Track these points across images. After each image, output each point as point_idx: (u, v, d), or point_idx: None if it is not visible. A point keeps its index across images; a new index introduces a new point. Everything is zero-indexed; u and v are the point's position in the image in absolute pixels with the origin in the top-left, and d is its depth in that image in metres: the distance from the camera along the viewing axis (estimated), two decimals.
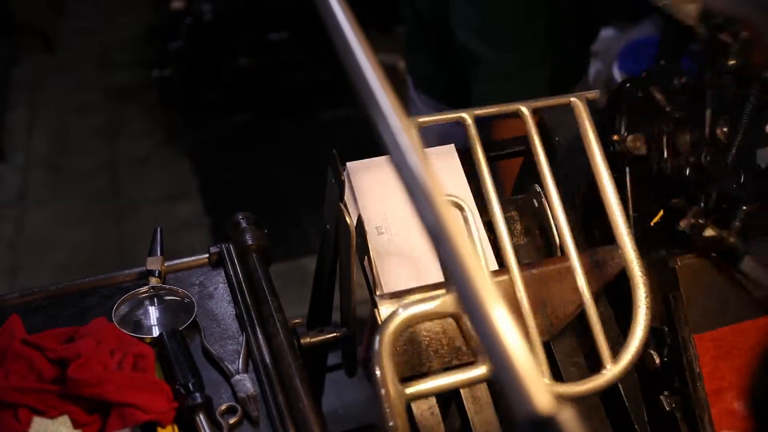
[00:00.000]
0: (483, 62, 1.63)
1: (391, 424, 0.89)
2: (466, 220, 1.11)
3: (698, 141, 1.11)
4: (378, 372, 0.91)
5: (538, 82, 1.66)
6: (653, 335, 1.11)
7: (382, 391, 0.90)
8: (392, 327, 0.94)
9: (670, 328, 1.10)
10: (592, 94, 1.17)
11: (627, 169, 1.16)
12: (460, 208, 1.12)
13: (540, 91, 1.62)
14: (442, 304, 0.97)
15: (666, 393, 1.10)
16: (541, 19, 1.63)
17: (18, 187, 3.80)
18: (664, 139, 1.14)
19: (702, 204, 1.09)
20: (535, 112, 1.15)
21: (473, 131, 1.12)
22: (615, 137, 1.16)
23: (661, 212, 1.15)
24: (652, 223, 1.15)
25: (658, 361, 1.11)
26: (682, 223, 1.09)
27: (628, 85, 1.18)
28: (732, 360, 1.10)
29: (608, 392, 1.12)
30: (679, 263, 1.10)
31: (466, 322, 0.99)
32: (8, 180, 3.85)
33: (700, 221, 1.08)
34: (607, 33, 3.28)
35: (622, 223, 1.08)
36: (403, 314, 0.95)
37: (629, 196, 1.15)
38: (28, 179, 3.87)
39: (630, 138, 1.15)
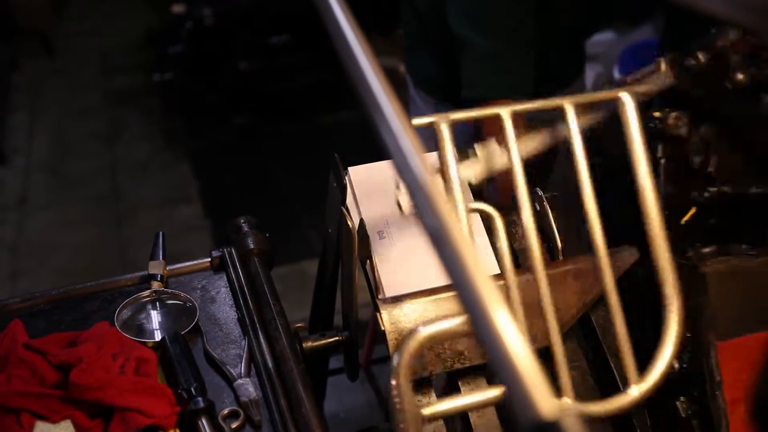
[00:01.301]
0: (471, 46, 1.71)
1: None
2: (493, 227, 1.08)
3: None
4: (395, 393, 0.89)
5: (523, 71, 1.72)
6: None
7: (399, 411, 0.89)
8: (412, 346, 0.90)
9: (693, 333, 1.04)
10: (644, 87, 1.06)
11: (660, 149, 1.07)
12: (488, 215, 1.09)
13: (525, 78, 1.70)
14: (462, 323, 0.93)
15: (682, 399, 1.06)
16: (529, 8, 1.70)
17: (18, 190, 3.80)
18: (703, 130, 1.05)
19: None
20: (577, 108, 1.06)
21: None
22: (656, 113, 1.07)
23: (693, 209, 1.08)
24: (682, 221, 1.08)
25: (677, 366, 1.05)
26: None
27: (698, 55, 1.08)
28: (753, 370, 1.06)
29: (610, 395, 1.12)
30: (709, 268, 1.03)
31: None
32: (9, 184, 3.85)
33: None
34: (607, 36, 3.28)
35: (659, 233, 0.99)
36: (424, 332, 0.91)
37: (662, 184, 1.06)
38: (28, 183, 3.87)
39: (673, 115, 1.06)
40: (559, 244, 1.16)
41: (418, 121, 1.04)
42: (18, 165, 4.00)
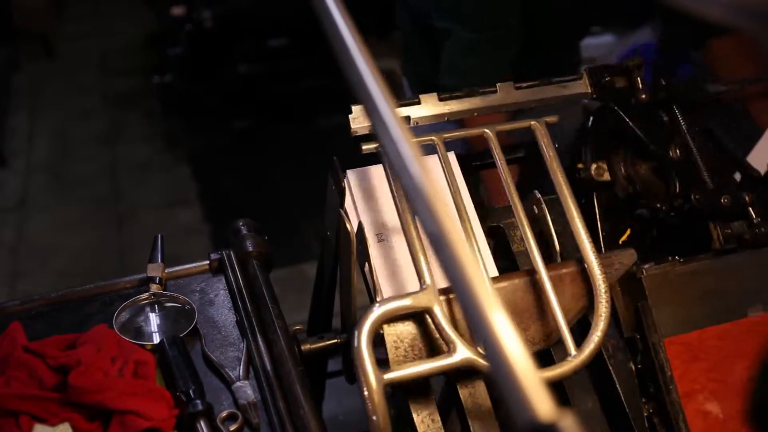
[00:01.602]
0: (452, 38, 1.78)
1: (370, 407, 0.95)
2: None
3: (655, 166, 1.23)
4: (357, 362, 0.96)
5: (502, 64, 1.79)
6: (627, 344, 1.16)
7: (362, 379, 0.96)
8: (369, 321, 0.99)
9: (641, 335, 1.14)
10: (552, 118, 1.22)
11: (594, 196, 1.24)
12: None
13: (503, 72, 1.74)
14: (415, 300, 1.02)
15: (644, 399, 1.14)
16: (508, 5, 1.76)
17: (19, 192, 3.81)
18: (622, 167, 1.25)
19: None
20: (499, 134, 1.21)
21: (443, 150, 1.18)
22: (579, 165, 1.25)
23: (628, 231, 1.24)
24: (620, 241, 1.24)
25: (633, 368, 1.15)
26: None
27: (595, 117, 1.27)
28: (701, 363, 1.14)
29: (609, 397, 1.13)
30: (645, 273, 1.15)
31: (437, 314, 1.02)
32: (9, 185, 3.85)
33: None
34: (606, 39, 3.28)
35: (583, 235, 1.12)
36: (379, 310, 1.00)
37: (598, 219, 1.24)
38: (28, 185, 3.87)
39: (594, 167, 1.24)
40: (557, 247, 1.16)
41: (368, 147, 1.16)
42: (18, 167, 4.00)
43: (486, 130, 1.20)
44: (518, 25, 1.79)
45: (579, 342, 1.08)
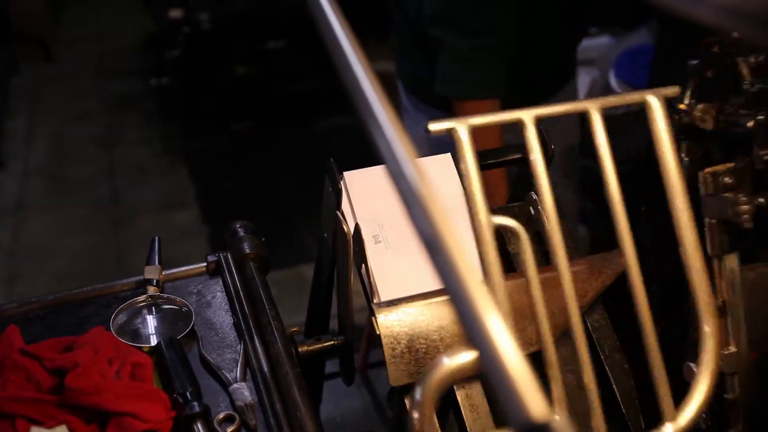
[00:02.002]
0: (445, 46, 1.76)
1: None
2: (517, 242, 1.04)
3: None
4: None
5: (496, 71, 1.75)
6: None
7: None
8: (434, 379, 0.79)
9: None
10: (672, 90, 1.01)
11: (684, 147, 1.02)
12: (512, 230, 1.04)
13: (498, 79, 1.73)
14: None
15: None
16: (502, 11, 1.74)
17: (16, 195, 3.81)
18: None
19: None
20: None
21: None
22: (682, 105, 1.03)
23: None
24: None
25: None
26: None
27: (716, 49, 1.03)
28: None
29: (607, 397, 1.13)
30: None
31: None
32: (7, 188, 3.85)
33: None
34: (602, 41, 3.29)
35: (694, 255, 0.95)
36: (447, 365, 0.80)
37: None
38: (26, 187, 3.87)
39: (700, 108, 1.01)
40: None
41: (436, 126, 1.00)
42: (16, 169, 4.00)
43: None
44: (514, 30, 1.78)
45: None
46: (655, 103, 0.99)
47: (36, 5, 4.94)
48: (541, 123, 1.20)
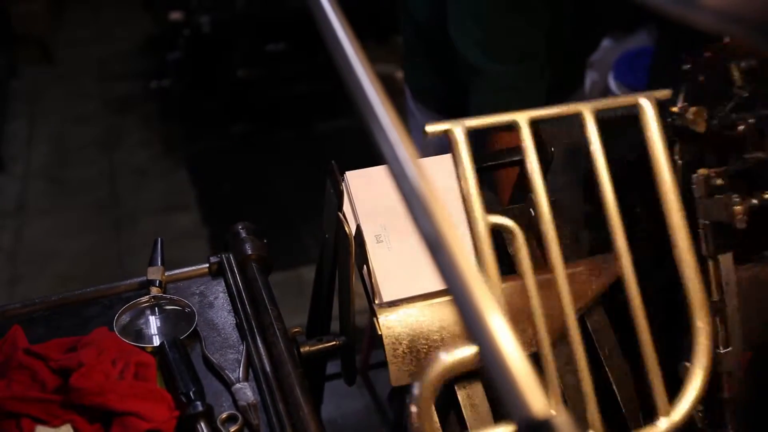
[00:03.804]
0: (483, 74, 1.63)
1: None
2: (514, 242, 1.04)
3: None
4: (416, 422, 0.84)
5: (538, 95, 1.65)
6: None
7: None
8: (436, 371, 0.82)
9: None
10: (664, 92, 1.03)
11: (677, 149, 1.04)
12: (508, 229, 1.04)
13: (539, 103, 1.63)
14: None
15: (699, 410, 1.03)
16: (541, 32, 1.63)
17: (17, 197, 3.81)
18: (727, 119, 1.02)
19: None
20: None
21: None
22: (674, 108, 1.04)
23: None
24: None
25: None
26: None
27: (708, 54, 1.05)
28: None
29: (607, 397, 1.13)
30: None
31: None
32: (7, 190, 3.86)
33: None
34: (602, 43, 3.29)
35: (688, 255, 0.96)
36: (448, 359, 0.84)
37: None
38: (27, 190, 3.87)
39: (692, 110, 1.02)
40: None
41: (432, 128, 1.01)
42: (16, 172, 4.00)
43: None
44: (544, 50, 1.66)
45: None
46: (647, 106, 1.00)
47: (36, 7, 4.95)
48: (546, 124, 1.20)
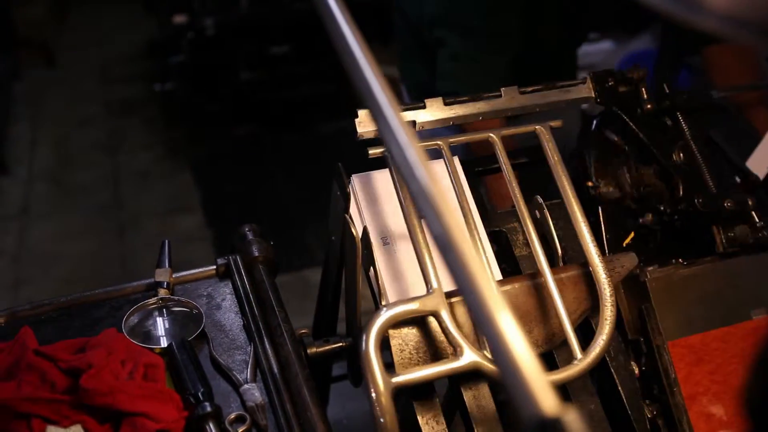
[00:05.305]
0: (443, 45, 1.81)
1: (378, 410, 0.95)
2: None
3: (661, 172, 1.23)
4: (365, 366, 0.96)
5: (495, 71, 1.81)
6: (632, 347, 1.17)
7: (370, 382, 0.96)
8: (377, 325, 1.00)
9: (645, 337, 1.16)
10: (556, 122, 1.24)
11: (600, 209, 1.25)
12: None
13: (497, 78, 1.73)
14: (422, 304, 1.03)
15: (647, 401, 1.15)
16: (504, 12, 1.78)
17: (20, 200, 3.82)
18: (627, 175, 1.26)
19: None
20: (504, 138, 1.23)
21: (449, 155, 1.20)
22: (589, 183, 1.25)
23: (632, 234, 1.25)
24: (624, 244, 1.24)
25: (637, 371, 1.16)
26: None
27: (593, 129, 1.28)
28: (704, 365, 1.16)
29: (611, 399, 1.14)
30: (649, 276, 1.17)
31: (444, 318, 1.03)
32: (11, 194, 3.86)
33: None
34: (605, 45, 3.31)
35: (588, 239, 1.14)
36: (386, 314, 1.01)
37: (603, 228, 1.24)
38: (30, 193, 3.88)
39: (603, 184, 1.25)
40: (559, 251, 1.18)
41: (373, 150, 1.17)
42: (20, 175, 4.01)
43: (491, 135, 1.22)
44: (516, 31, 1.80)
45: (582, 345, 1.09)
46: (543, 133, 1.22)
47: (39, 11, 4.96)
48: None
